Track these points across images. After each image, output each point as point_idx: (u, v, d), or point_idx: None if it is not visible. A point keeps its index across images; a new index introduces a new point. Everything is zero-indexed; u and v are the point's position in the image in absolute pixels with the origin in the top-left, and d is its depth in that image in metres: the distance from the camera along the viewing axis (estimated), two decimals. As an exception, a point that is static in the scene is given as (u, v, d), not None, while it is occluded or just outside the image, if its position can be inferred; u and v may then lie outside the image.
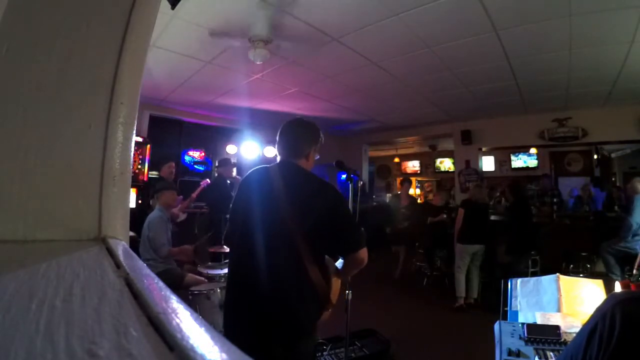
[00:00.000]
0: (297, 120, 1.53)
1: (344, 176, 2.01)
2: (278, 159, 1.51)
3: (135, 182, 5.03)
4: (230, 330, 1.37)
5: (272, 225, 1.31)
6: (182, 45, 3.42)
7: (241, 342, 0.24)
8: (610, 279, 3.76)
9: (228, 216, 1.55)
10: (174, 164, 4.55)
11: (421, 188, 11.66)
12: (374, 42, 3.34)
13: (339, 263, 1.50)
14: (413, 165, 11.85)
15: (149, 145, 5.46)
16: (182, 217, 3.83)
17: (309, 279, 1.29)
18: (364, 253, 1.38)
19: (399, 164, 11.98)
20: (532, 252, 4.32)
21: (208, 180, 4.60)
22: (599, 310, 0.75)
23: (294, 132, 1.49)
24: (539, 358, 1.32)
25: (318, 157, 1.54)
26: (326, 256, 1.42)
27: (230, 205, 1.52)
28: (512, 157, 8.43)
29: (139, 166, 5.32)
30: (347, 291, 1.96)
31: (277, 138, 1.49)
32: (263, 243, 1.30)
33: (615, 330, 0.68)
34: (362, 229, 1.48)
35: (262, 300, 1.27)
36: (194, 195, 4.28)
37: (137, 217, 3.18)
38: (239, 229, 1.41)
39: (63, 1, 0.57)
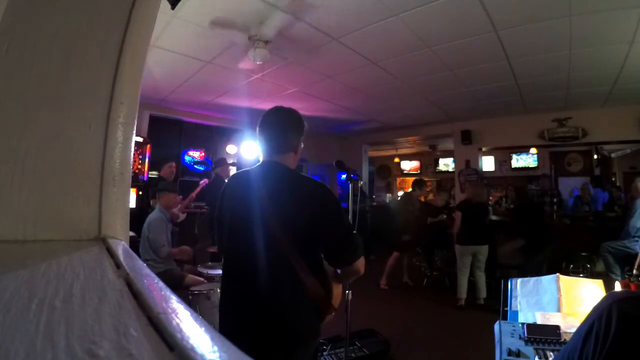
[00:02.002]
0: (277, 108, 1.34)
1: (344, 176, 2.01)
2: (260, 158, 1.35)
3: (135, 182, 5.03)
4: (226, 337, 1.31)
5: (260, 235, 1.21)
6: (182, 45, 3.42)
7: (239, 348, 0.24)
8: (611, 279, 3.77)
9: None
10: (174, 164, 4.55)
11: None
12: (374, 42, 3.34)
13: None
14: (411, 166, 11.86)
15: (149, 145, 5.46)
16: (182, 217, 3.83)
17: (305, 289, 1.20)
18: (359, 265, 1.26)
19: (399, 164, 11.98)
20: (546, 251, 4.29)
21: (207, 180, 4.60)
22: (596, 309, 0.75)
23: (279, 123, 1.32)
24: (539, 358, 1.32)
25: (302, 145, 1.39)
26: (324, 261, 1.34)
27: (215, 212, 1.43)
28: (515, 157, 8.43)
29: (139, 166, 5.32)
30: (347, 291, 1.96)
31: (258, 132, 1.32)
32: (253, 253, 1.21)
33: (611, 329, 0.68)
34: (357, 233, 1.34)
35: (257, 311, 1.21)
36: (193, 195, 4.28)
37: (137, 217, 3.18)
38: (227, 238, 1.33)
39: (63, 1, 0.57)
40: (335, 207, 1.25)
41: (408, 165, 11.92)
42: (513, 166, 8.69)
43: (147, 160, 5.42)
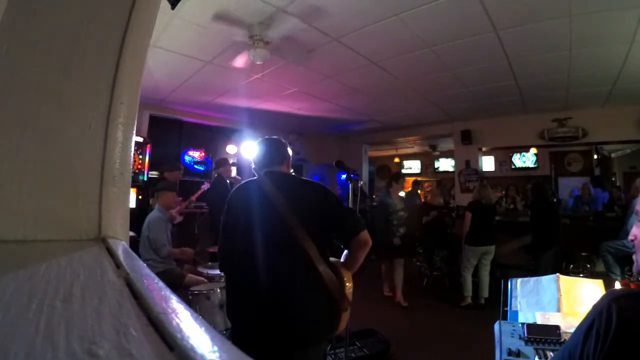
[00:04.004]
0: (265, 138, 1.63)
1: (344, 176, 2.03)
2: (257, 175, 1.55)
3: (135, 182, 5.02)
4: (240, 343, 1.35)
5: (276, 233, 1.33)
6: (182, 45, 3.42)
7: (254, 348, 0.24)
8: (611, 278, 3.77)
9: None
10: (182, 171, 4.41)
11: (421, 188, 11.66)
12: (374, 42, 3.34)
13: (343, 257, 1.52)
14: (411, 166, 11.87)
15: (149, 145, 5.46)
16: (179, 219, 3.82)
17: (321, 280, 1.30)
18: (365, 235, 1.45)
19: (399, 164, 11.98)
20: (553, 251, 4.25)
21: (208, 184, 4.59)
22: (595, 307, 0.75)
23: (272, 143, 1.59)
24: (539, 358, 1.31)
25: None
26: (331, 258, 1.44)
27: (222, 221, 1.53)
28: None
29: (139, 166, 5.32)
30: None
31: (256, 153, 1.57)
32: (270, 253, 1.31)
33: (611, 326, 0.68)
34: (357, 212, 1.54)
35: (276, 310, 1.27)
36: (192, 198, 4.26)
37: (137, 217, 3.18)
38: (239, 245, 1.41)
39: (63, 1, 0.57)
40: (333, 194, 1.51)
41: (408, 165, 11.92)
42: (513, 166, 8.69)
43: (147, 160, 5.41)
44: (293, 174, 1.59)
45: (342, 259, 1.51)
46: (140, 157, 5.33)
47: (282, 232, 1.32)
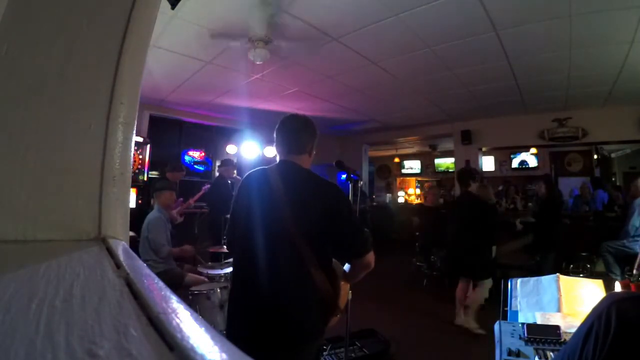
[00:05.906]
0: (293, 115, 1.47)
1: (344, 176, 2.01)
2: (278, 158, 1.45)
3: (135, 182, 5.02)
4: (232, 334, 1.33)
5: (274, 229, 1.26)
6: (182, 45, 3.42)
7: (243, 347, 0.24)
8: (611, 278, 3.77)
9: (228, 217, 1.50)
10: (184, 172, 4.48)
11: (421, 188, 11.67)
12: (374, 42, 3.34)
13: (347, 266, 1.44)
14: (411, 166, 11.88)
15: (149, 145, 5.46)
16: (179, 219, 3.82)
17: (313, 284, 1.23)
18: (370, 257, 1.31)
19: (399, 164, 11.99)
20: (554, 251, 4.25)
21: (208, 185, 4.60)
22: (595, 309, 0.75)
23: (294, 127, 1.43)
24: (539, 358, 1.31)
25: (314, 150, 1.50)
26: (333, 259, 1.37)
27: (231, 207, 1.48)
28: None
29: (139, 166, 5.32)
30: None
31: (276, 135, 1.43)
32: (265, 247, 1.25)
33: (610, 329, 0.68)
34: (367, 230, 1.39)
35: (265, 306, 1.23)
36: (191, 200, 4.27)
37: (137, 217, 3.18)
38: (240, 232, 1.36)
39: (63, 1, 0.57)
40: (346, 204, 1.34)
41: (408, 165, 11.93)
42: (513, 166, 8.70)
43: (147, 160, 5.41)
44: (309, 170, 1.42)
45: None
46: (140, 157, 5.33)
47: (279, 233, 1.24)
